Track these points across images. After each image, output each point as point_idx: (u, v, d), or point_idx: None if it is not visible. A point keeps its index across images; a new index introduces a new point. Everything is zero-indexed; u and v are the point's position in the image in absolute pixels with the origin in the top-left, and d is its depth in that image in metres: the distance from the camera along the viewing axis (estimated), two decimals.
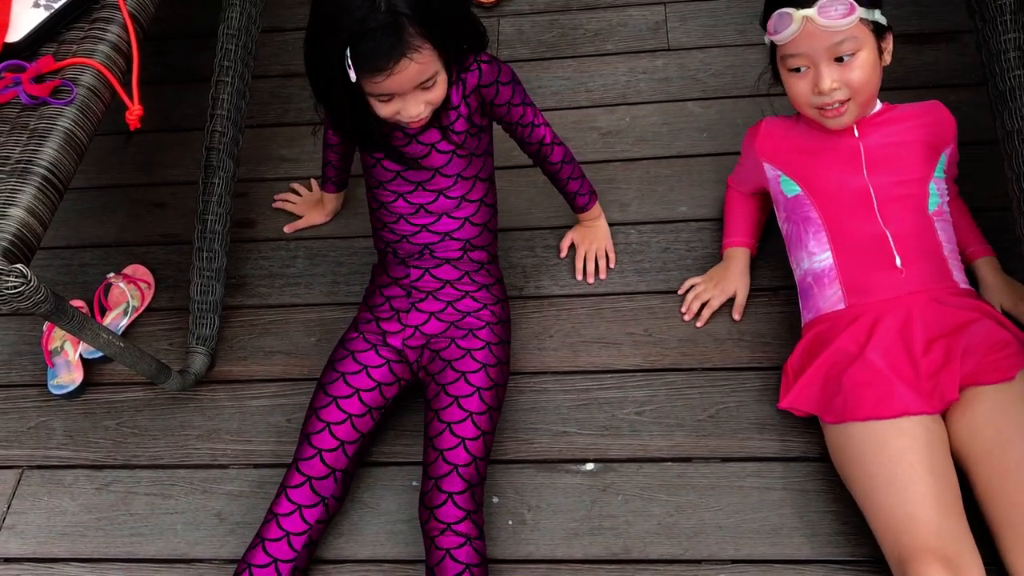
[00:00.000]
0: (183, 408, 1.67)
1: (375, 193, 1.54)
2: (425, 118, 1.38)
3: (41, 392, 1.73)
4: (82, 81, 1.38)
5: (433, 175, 1.49)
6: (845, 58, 1.37)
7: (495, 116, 1.52)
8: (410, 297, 1.53)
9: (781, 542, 1.41)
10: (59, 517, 1.57)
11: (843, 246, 1.46)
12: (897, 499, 1.25)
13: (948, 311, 1.38)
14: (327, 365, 1.51)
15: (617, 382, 1.60)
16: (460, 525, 1.34)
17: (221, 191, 1.73)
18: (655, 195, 1.83)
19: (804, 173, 1.52)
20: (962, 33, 1.98)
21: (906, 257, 1.42)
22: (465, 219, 1.54)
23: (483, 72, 1.43)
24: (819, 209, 1.50)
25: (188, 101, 2.13)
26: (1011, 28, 1.48)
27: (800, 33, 1.36)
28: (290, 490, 1.38)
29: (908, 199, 1.45)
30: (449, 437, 1.39)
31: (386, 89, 1.29)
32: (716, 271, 1.68)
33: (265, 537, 1.36)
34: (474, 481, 1.38)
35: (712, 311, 1.64)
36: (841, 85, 1.39)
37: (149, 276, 1.85)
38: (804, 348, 1.48)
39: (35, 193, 1.27)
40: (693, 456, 1.51)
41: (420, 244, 1.53)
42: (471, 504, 1.36)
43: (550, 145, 1.59)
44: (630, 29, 2.15)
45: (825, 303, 1.47)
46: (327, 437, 1.42)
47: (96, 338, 1.38)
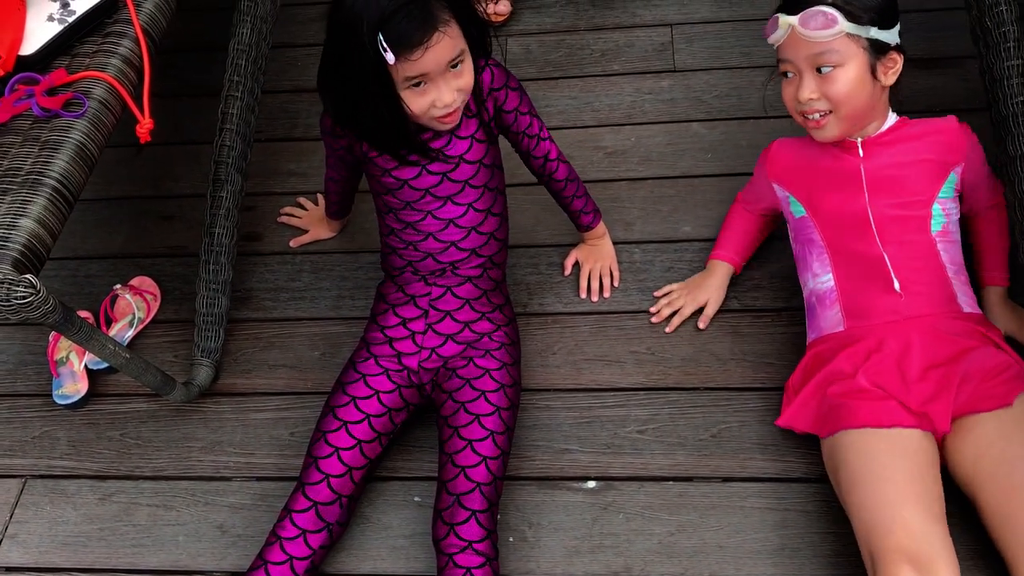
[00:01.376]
0: (187, 420, 1.68)
1: (399, 215, 1.52)
2: (458, 110, 1.38)
3: (45, 402, 1.73)
4: (94, 94, 1.39)
5: (462, 187, 1.49)
6: (825, 70, 1.38)
7: (503, 124, 1.52)
8: (427, 318, 1.53)
9: (782, 563, 1.41)
10: (61, 527, 1.58)
11: (843, 268, 1.48)
12: (877, 498, 1.26)
13: (948, 339, 1.38)
14: (337, 387, 1.50)
15: (620, 400, 1.61)
16: (481, 544, 1.33)
17: (229, 204, 1.74)
18: (659, 215, 1.85)
19: (808, 195, 1.54)
20: (967, 59, 1.99)
21: (905, 280, 1.42)
22: (490, 234, 1.55)
23: (495, 75, 1.46)
24: (821, 231, 1.51)
25: (198, 115, 2.14)
26: (1014, 55, 1.50)
27: (786, 39, 1.41)
28: (295, 515, 1.38)
29: (909, 220, 1.45)
30: (471, 455, 1.39)
31: (422, 68, 1.29)
32: (695, 279, 1.71)
33: (268, 560, 1.36)
34: (494, 500, 1.38)
35: (682, 319, 1.67)
36: (820, 97, 1.40)
37: (155, 288, 1.86)
38: (804, 367, 1.50)
39: (45, 204, 1.28)
40: (694, 475, 1.51)
41: (446, 262, 1.53)
42: (491, 524, 1.36)
43: (555, 161, 1.60)
44: (637, 50, 2.17)
45: (826, 323, 1.48)
46: (335, 463, 1.42)
47: (102, 349, 1.39)
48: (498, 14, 2.23)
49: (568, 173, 1.64)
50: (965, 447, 1.33)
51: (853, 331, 1.44)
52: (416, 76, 1.31)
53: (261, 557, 1.36)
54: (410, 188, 1.48)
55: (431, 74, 1.32)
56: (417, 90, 1.33)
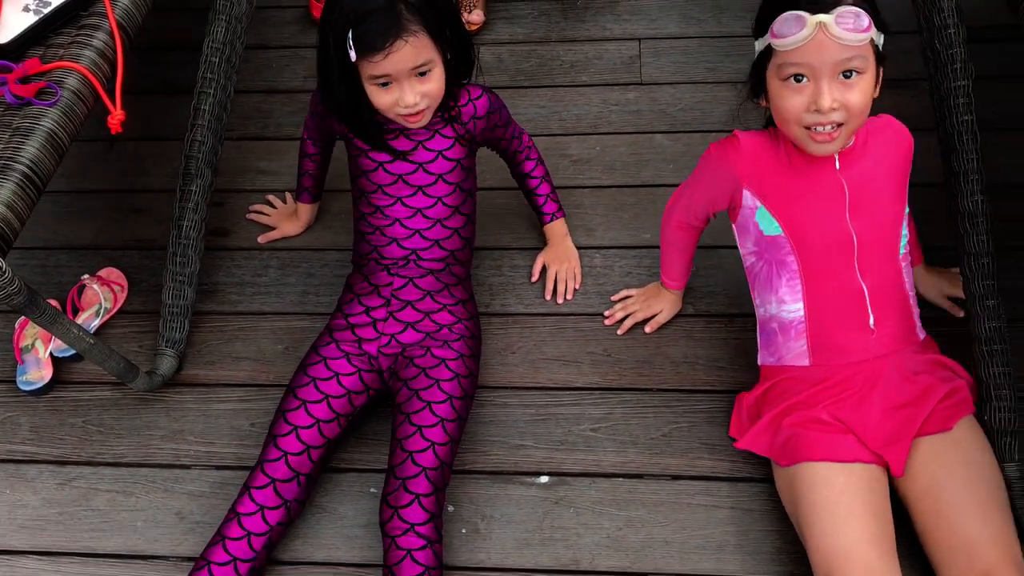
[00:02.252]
0: (149, 409, 1.70)
1: (370, 198, 1.60)
2: (423, 113, 1.48)
3: (9, 388, 1.75)
4: (67, 84, 1.42)
5: (436, 180, 1.57)
6: (852, 75, 1.26)
7: (489, 139, 1.66)
8: (389, 306, 1.57)
9: (725, 558, 1.45)
10: (20, 510, 1.59)
11: (817, 301, 1.43)
12: (835, 534, 1.29)
13: (911, 378, 1.41)
14: (298, 369, 1.55)
15: (575, 399, 1.65)
16: (423, 527, 1.37)
17: (198, 198, 1.77)
18: (621, 221, 1.89)
19: (787, 212, 1.41)
20: (919, 80, 2.05)
21: (879, 314, 1.41)
22: (455, 230, 1.61)
23: (491, 101, 1.60)
24: (798, 256, 1.42)
25: (170, 112, 2.16)
26: (961, 76, 1.56)
27: (809, 41, 1.24)
28: (254, 490, 1.41)
29: (884, 244, 1.42)
30: (419, 440, 1.43)
31: (383, 70, 1.40)
32: (651, 290, 1.75)
33: (226, 535, 1.39)
34: (439, 485, 1.42)
35: (635, 322, 1.73)
36: (840, 106, 1.27)
37: (123, 279, 1.88)
38: (762, 395, 1.51)
39: (14, 189, 1.31)
40: (644, 473, 1.55)
41: (409, 248, 1.59)
42: (435, 508, 1.40)
43: (528, 149, 1.76)
44: (605, 62, 2.22)
45: (788, 353, 1.47)
46: (294, 441, 1.46)
47: (67, 333, 1.41)
48: (471, 23, 2.28)
49: (537, 162, 1.78)
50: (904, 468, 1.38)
51: (818, 369, 1.44)
52: (380, 76, 1.41)
53: (219, 533, 1.39)
54: (384, 171, 1.56)
55: (394, 76, 1.41)
56: (382, 88, 1.43)
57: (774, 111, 1.36)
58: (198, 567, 1.38)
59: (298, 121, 2.17)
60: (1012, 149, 1.88)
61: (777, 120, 1.37)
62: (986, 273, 1.49)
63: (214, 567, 1.37)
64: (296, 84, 2.26)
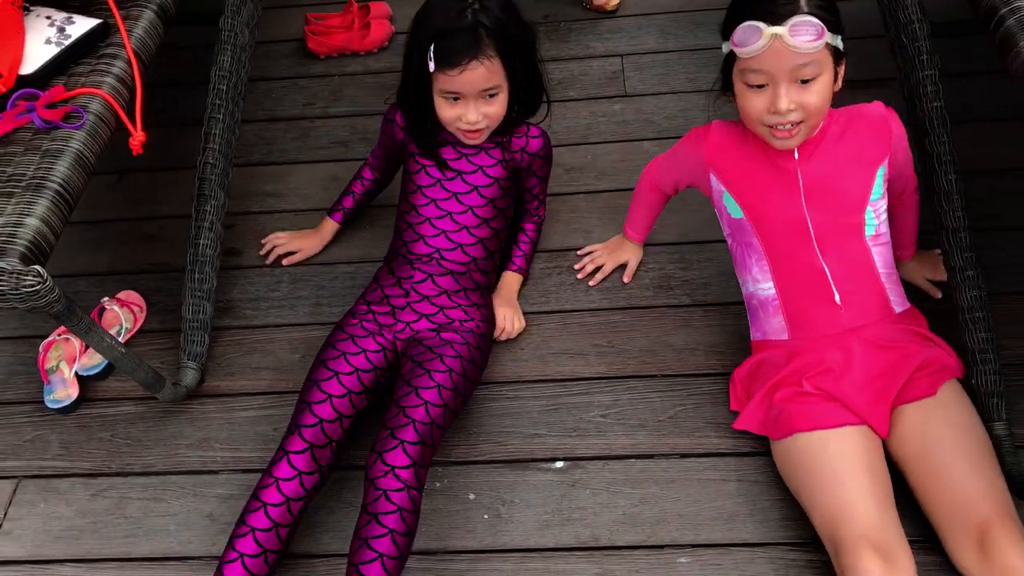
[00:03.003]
0: (174, 420, 1.77)
1: (410, 198, 1.74)
2: (481, 132, 1.64)
3: (36, 408, 1.81)
4: (91, 108, 1.51)
5: (471, 191, 1.70)
6: (807, 81, 1.37)
7: (522, 178, 1.79)
8: (408, 296, 1.67)
9: (736, 527, 1.52)
10: (55, 522, 1.65)
11: (784, 279, 1.54)
12: (837, 494, 1.37)
13: (887, 347, 1.49)
14: (325, 346, 1.62)
15: (584, 388, 1.73)
16: (404, 472, 1.42)
17: (212, 218, 1.85)
18: (615, 223, 1.98)
19: (748, 198, 1.55)
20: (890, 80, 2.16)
21: (844, 291, 1.50)
22: (480, 240, 1.72)
23: (545, 145, 1.77)
24: (760, 238, 1.55)
25: (177, 144, 2.24)
26: (928, 66, 1.67)
27: (767, 50, 1.35)
28: (292, 456, 1.47)
29: (846, 229, 1.50)
30: (413, 398, 1.50)
31: (455, 87, 1.55)
32: (614, 242, 1.90)
33: (267, 502, 1.43)
34: (427, 440, 1.47)
35: (605, 275, 1.88)
36: (797, 107, 1.38)
37: (141, 301, 1.95)
38: (751, 369, 1.61)
39: (48, 205, 1.40)
40: (654, 453, 1.63)
41: (434, 247, 1.70)
42: (419, 458, 1.44)
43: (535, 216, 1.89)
44: (591, 78, 2.33)
45: (771, 328, 1.58)
46: (328, 408, 1.53)
47: (100, 342, 1.48)
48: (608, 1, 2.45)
49: (536, 227, 1.90)
50: (894, 434, 1.47)
51: (797, 342, 1.54)
52: (451, 91, 1.56)
53: (257, 498, 1.44)
54: (427, 174, 1.72)
55: (463, 93, 1.57)
56: (450, 102, 1.61)
57: (740, 110, 1.48)
58: (240, 534, 1.42)
59: (299, 146, 2.27)
60: (977, 139, 1.99)
61: (742, 117, 1.50)
62: (964, 246, 1.59)
63: (258, 533, 1.41)
64: (296, 112, 2.36)
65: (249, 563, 1.40)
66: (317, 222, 2.06)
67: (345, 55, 2.48)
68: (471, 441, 1.67)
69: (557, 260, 1.95)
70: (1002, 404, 1.53)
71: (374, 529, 1.39)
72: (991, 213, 1.89)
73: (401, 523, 1.39)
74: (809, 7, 1.36)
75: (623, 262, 1.87)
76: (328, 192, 2.13)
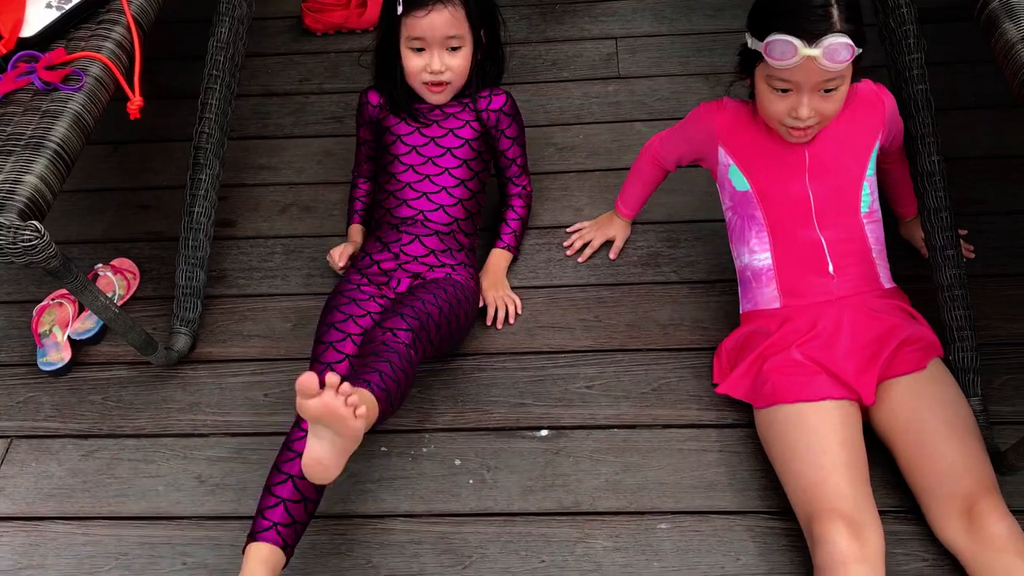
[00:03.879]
0: (166, 385, 1.79)
1: (387, 167, 1.80)
2: (444, 87, 1.74)
3: (30, 371, 1.83)
4: (90, 71, 1.53)
5: (445, 152, 1.76)
6: (829, 92, 1.44)
7: (492, 138, 1.82)
8: (398, 259, 1.72)
9: (715, 496, 1.56)
10: (46, 481, 1.67)
11: (782, 250, 1.59)
12: (811, 466, 1.41)
13: (874, 317, 1.53)
14: (328, 310, 1.65)
15: (570, 361, 1.76)
16: (402, 333, 1.49)
17: (207, 187, 1.87)
18: (605, 201, 2.01)
19: (755, 172, 1.59)
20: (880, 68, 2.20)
21: (838, 263, 1.55)
22: (460, 200, 1.77)
23: (508, 102, 1.81)
24: (764, 211, 1.59)
25: (172, 116, 2.27)
26: (915, 50, 1.70)
27: (799, 66, 1.39)
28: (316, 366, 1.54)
29: (843, 204, 1.56)
30: (398, 320, 1.53)
31: (421, 30, 1.66)
32: (603, 219, 1.94)
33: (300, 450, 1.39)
34: (418, 331, 1.52)
35: (593, 251, 1.91)
36: (817, 114, 1.46)
37: (134, 268, 1.98)
38: (739, 338, 1.64)
39: (46, 164, 1.41)
40: (637, 423, 1.66)
41: (416, 208, 1.75)
42: (416, 330, 1.51)
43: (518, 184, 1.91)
44: (584, 60, 2.36)
45: (763, 298, 1.61)
46: (350, 344, 1.58)
47: (95, 301, 1.51)
48: None
49: (525, 203, 1.92)
50: (883, 406, 1.50)
51: (788, 309, 1.57)
52: (416, 37, 1.66)
53: (290, 448, 1.45)
54: (402, 143, 1.78)
55: (428, 40, 1.66)
56: (415, 53, 1.70)
57: (759, 106, 1.53)
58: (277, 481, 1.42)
59: (294, 121, 2.30)
60: (964, 126, 2.03)
61: (761, 112, 1.54)
62: (945, 226, 1.62)
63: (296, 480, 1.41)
64: (291, 88, 2.38)
65: (291, 508, 1.40)
66: (311, 195, 2.11)
67: (342, 32, 2.50)
68: (458, 409, 1.70)
69: (547, 237, 1.98)
70: (977, 380, 1.57)
71: (373, 360, 1.42)
72: (976, 198, 1.92)
73: (398, 360, 1.43)
74: (841, 23, 1.39)
75: (611, 238, 1.90)
76: (322, 166, 2.17)
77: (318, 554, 1.54)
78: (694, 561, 1.48)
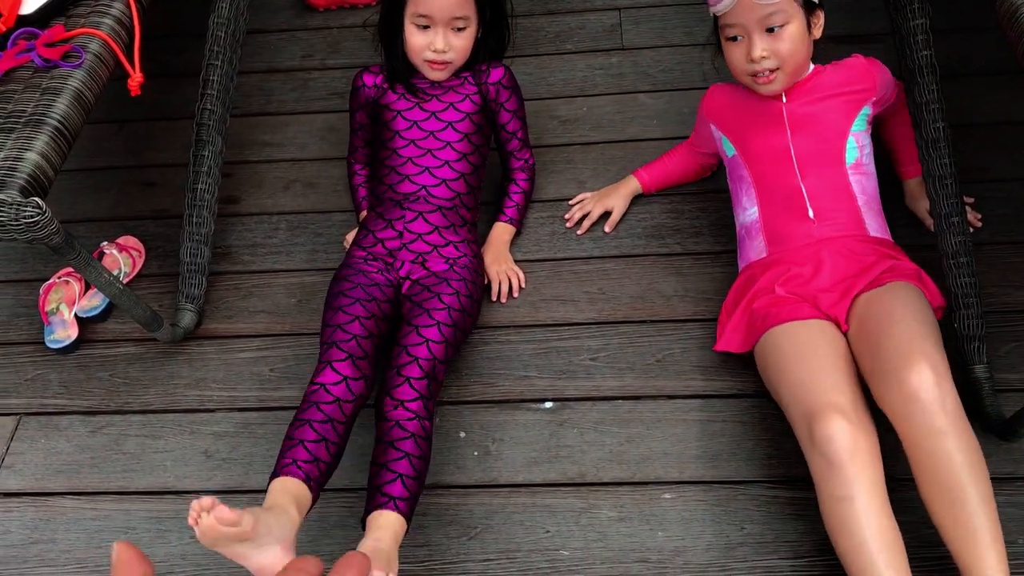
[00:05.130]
0: (172, 361, 1.80)
1: (388, 143, 1.78)
2: (445, 65, 1.73)
3: (37, 348, 1.85)
4: (90, 48, 1.53)
5: (446, 127, 1.75)
6: (775, 29, 1.54)
7: (492, 111, 1.81)
8: (402, 238, 1.70)
9: (720, 466, 1.56)
10: (55, 457, 1.69)
11: (766, 201, 1.64)
12: (806, 368, 1.42)
13: (853, 257, 1.55)
14: (338, 280, 1.65)
15: (574, 333, 1.76)
16: (413, 404, 1.47)
17: (210, 163, 1.87)
18: (609, 174, 2.01)
19: (739, 136, 1.70)
20: (887, 35, 2.18)
21: (818, 208, 1.59)
22: (462, 175, 1.75)
23: (506, 74, 1.80)
24: (749, 168, 1.68)
25: (175, 94, 2.27)
26: (919, 15, 1.68)
27: (736, 6, 1.53)
28: (336, 363, 1.49)
29: (826, 155, 1.61)
30: (415, 337, 1.54)
31: (428, 8, 1.65)
32: (606, 189, 1.94)
33: (317, 400, 1.45)
34: (431, 375, 1.51)
35: (591, 221, 1.91)
36: (770, 55, 1.55)
37: (140, 246, 1.98)
38: (734, 292, 1.66)
39: (47, 141, 1.42)
40: (642, 395, 1.66)
41: (419, 184, 1.73)
42: (425, 391, 1.49)
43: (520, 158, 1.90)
44: (587, 31, 2.34)
45: (753, 252, 1.65)
46: (359, 326, 1.55)
47: (99, 277, 1.51)
48: None
49: (528, 176, 1.91)
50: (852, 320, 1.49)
51: (774, 255, 1.61)
52: (422, 15, 1.65)
53: (308, 400, 1.45)
54: (402, 118, 1.76)
55: (434, 19, 1.65)
56: (419, 30, 1.69)
57: (727, 64, 1.65)
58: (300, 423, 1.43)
59: (297, 97, 2.29)
60: (969, 93, 2.01)
61: (730, 70, 1.66)
62: (950, 193, 1.61)
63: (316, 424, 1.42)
64: (294, 64, 2.37)
65: (311, 447, 1.40)
66: (314, 171, 2.10)
67: (344, 8, 2.49)
68: (462, 382, 1.70)
69: (551, 210, 1.98)
70: (983, 348, 1.56)
71: (391, 454, 1.42)
72: (981, 166, 1.91)
73: (416, 447, 1.43)
74: None
75: (608, 209, 1.90)
76: (325, 141, 2.16)
77: (326, 526, 1.55)
78: (698, 531, 1.49)
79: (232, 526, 1.15)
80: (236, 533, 1.16)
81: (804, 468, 1.50)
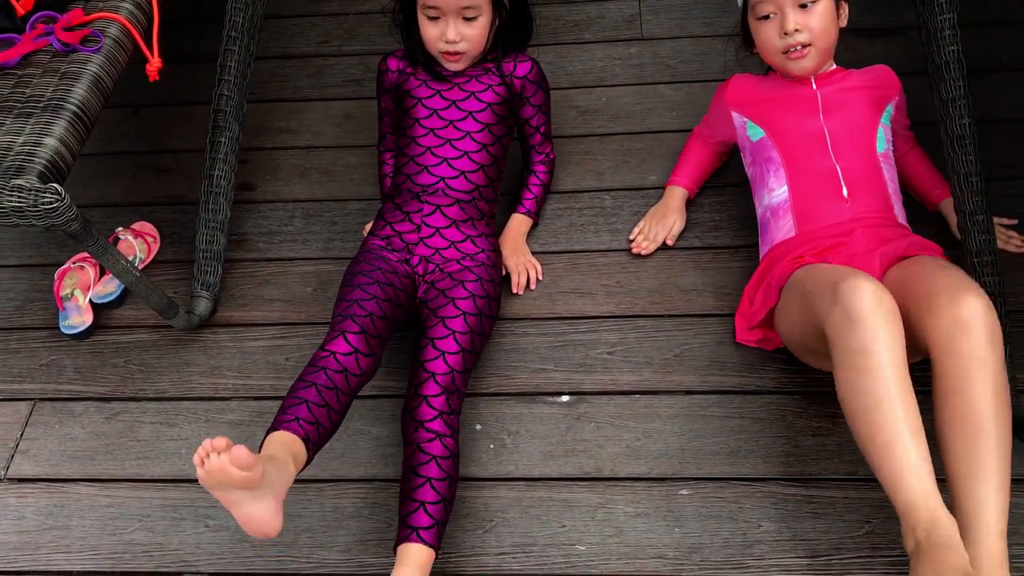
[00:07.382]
0: (187, 348, 1.79)
1: (408, 132, 1.77)
2: (460, 56, 1.71)
3: (52, 334, 1.84)
4: (109, 32, 1.53)
5: (467, 116, 1.73)
6: (808, 5, 1.60)
7: (517, 106, 1.80)
8: (419, 232, 1.69)
9: (738, 462, 1.55)
10: (70, 443, 1.68)
11: (798, 180, 1.63)
12: (835, 273, 1.37)
13: (884, 231, 1.55)
14: (356, 262, 1.64)
15: (591, 327, 1.75)
16: (433, 423, 1.45)
17: (227, 150, 1.86)
18: (628, 165, 1.99)
19: (767, 119, 1.70)
20: (910, 29, 2.16)
21: (852, 188, 1.59)
22: (482, 166, 1.73)
23: (534, 69, 1.79)
24: (779, 149, 1.67)
25: (192, 79, 2.25)
26: (947, 9, 1.66)
27: None
28: (348, 335, 1.47)
29: (858, 139, 1.64)
30: (431, 350, 1.52)
31: (435, 1, 1.62)
32: (656, 210, 1.88)
33: (325, 366, 1.43)
34: (450, 389, 1.49)
35: (657, 245, 1.84)
36: (803, 28, 1.60)
37: (155, 232, 1.97)
38: (756, 277, 1.64)
39: (66, 126, 1.41)
40: (659, 390, 1.65)
41: (438, 175, 1.71)
42: (445, 407, 1.47)
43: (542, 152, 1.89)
44: (607, 21, 2.32)
45: (779, 233, 1.63)
46: (375, 305, 1.53)
47: (116, 263, 1.51)
48: None
49: (547, 169, 1.90)
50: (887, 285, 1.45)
51: (803, 235, 1.59)
52: (431, 6, 1.63)
53: (315, 365, 1.43)
54: (423, 106, 1.75)
55: (444, 10, 1.63)
56: (431, 21, 1.68)
57: (759, 48, 1.70)
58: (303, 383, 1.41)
59: (313, 83, 2.28)
60: (995, 88, 1.99)
61: (762, 55, 1.70)
62: (975, 191, 1.58)
63: (320, 388, 1.40)
64: (310, 50, 2.36)
65: (314, 409, 1.38)
66: (330, 159, 2.10)
67: None
68: (478, 375, 1.69)
69: (568, 201, 1.96)
70: (1007, 348, 1.54)
71: (413, 481, 1.42)
72: (1004, 162, 1.88)
73: (438, 470, 1.42)
74: None
75: (670, 225, 1.84)
76: (341, 129, 2.15)
77: (340, 516, 1.54)
78: (715, 528, 1.48)
79: (246, 470, 1.14)
80: (245, 478, 1.15)
81: (822, 465, 1.52)
